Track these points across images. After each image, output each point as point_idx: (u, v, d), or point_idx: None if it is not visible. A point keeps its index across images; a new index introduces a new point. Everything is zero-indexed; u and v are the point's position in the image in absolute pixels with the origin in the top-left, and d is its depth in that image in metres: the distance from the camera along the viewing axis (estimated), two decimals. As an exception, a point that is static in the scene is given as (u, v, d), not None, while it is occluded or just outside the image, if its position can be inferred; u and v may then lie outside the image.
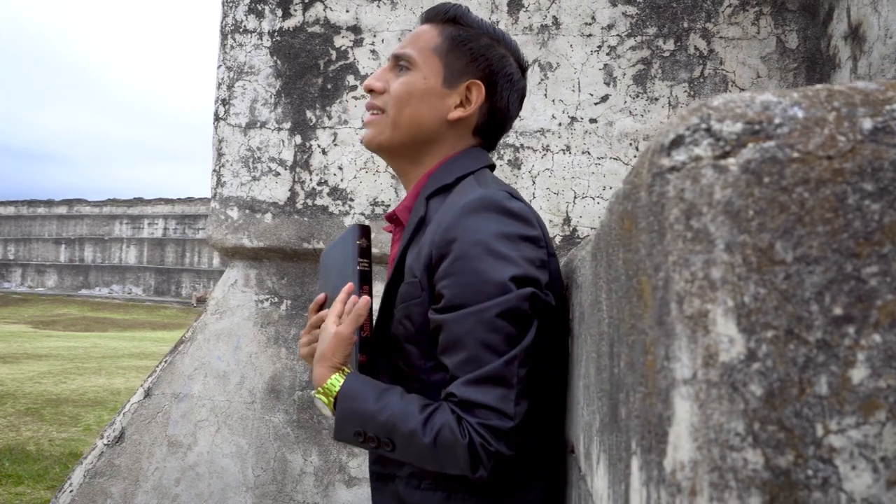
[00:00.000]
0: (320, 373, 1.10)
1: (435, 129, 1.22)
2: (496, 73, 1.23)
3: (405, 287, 1.12)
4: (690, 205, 0.43)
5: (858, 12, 1.93)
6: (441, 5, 1.25)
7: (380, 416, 1.04)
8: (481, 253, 1.03)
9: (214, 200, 2.30)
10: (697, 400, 0.41)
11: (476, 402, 0.99)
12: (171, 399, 2.29)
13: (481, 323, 1.01)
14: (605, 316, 0.79)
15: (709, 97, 1.83)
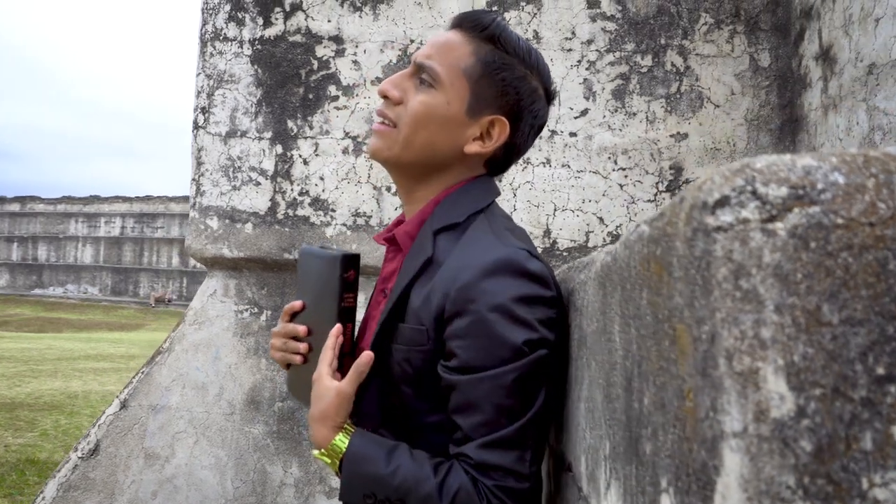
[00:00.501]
0: (323, 434, 1.07)
1: (448, 158, 1.17)
2: (523, 110, 1.16)
3: (409, 331, 1.10)
4: (739, 265, 0.46)
5: (830, 35, 1.99)
6: (481, 15, 1.13)
7: (392, 479, 1.02)
8: (499, 318, 1.02)
9: (194, 210, 2.28)
10: (748, 453, 0.44)
11: (493, 464, 1.00)
12: (148, 411, 2.26)
13: (498, 388, 1.01)
14: (617, 347, 0.81)
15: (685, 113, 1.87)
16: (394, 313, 1.11)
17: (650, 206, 2.23)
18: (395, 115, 1.14)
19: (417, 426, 1.11)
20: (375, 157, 1.19)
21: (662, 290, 0.59)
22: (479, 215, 1.16)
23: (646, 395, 0.66)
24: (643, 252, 0.66)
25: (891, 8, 1.70)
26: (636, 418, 0.70)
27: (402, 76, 1.15)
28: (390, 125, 1.15)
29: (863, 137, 1.82)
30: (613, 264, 0.83)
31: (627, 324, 0.74)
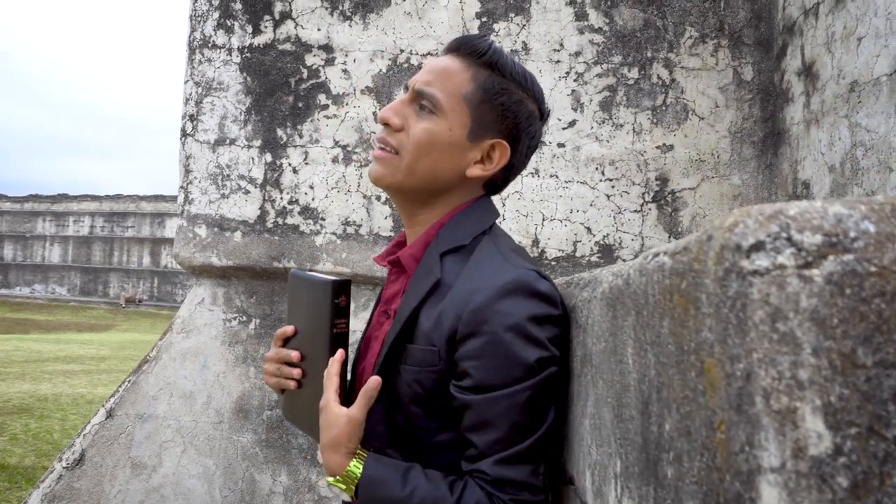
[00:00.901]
0: (336, 461, 1.08)
1: (450, 182, 1.19)
2: (521, 132, 1.19)
3: (420, 352, 1.11)
4: (777, 309, 0.48)
5: (812, 51, 2.05)
6: (478, 41, 1.16)
7: (410, 501, 1.04)
8: (514, 338, 1.05)
9: (182, 218, 2.27)
10: (786, 488, 0.46)
11: (509, 479, 1.03)
12: (135, 420, 2.25)
13: (513, 406, 1.04)
14: (630, 370, 0.83)
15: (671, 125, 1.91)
16: (402, 335, 1.13)
17: (637, 217, 2.27)
18: (398, 142, 1.15)
19: (426, 445, 1.13)
20: (378, 183, 1.19)
21: (688, 323, 0.61)
22: (484, 237, 1.19)
23: (667, 420, 0.68)
24: (664, 283, 0.69)
25: (873, 28, 1.76)
26: (655, 441, 0.72)
27: (402, 103, 1.16)
28: (392, 152, 1.15)
29: (845, 153, 1.88)
30: (626, 288, 0.85)
31: (644, 349, 0.77)
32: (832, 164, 1.93)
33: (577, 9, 2.33)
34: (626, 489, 0.84)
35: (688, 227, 2.28)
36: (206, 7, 2.32)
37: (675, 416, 0.65)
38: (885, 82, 1.71)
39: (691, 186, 2.29)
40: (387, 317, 1.26)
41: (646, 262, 0.77)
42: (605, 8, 2.33)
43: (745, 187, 2.30)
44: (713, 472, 0.55)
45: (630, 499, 0.82)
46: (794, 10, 2.15)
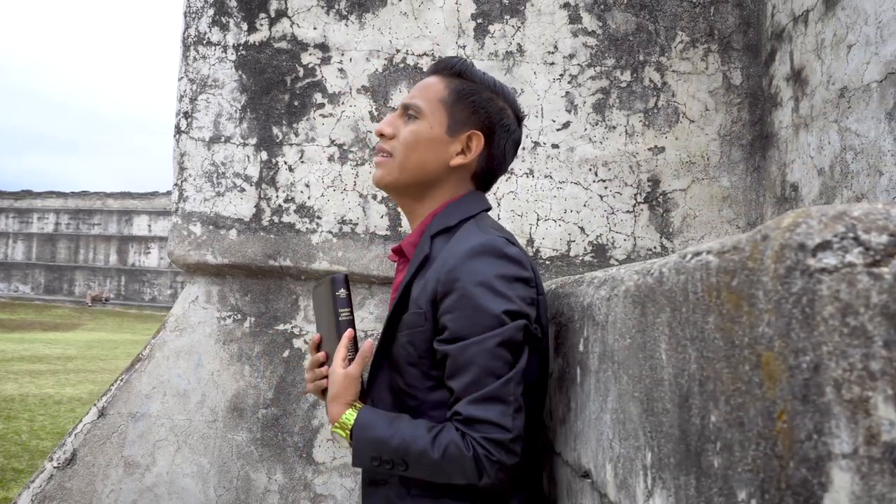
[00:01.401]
0: (336, 410, 1.25)
1: (438, 173, 1.36)
2: (495, 125, 1.37)
3: (410, 316, 1.27)
4: (846, 304, 0.51)
5: (801, 58, 2.10)
6: (449, 60, 1.39)
7: (392, 441, 1.18)
8: (482, 291, 1.19)
9: (176, 215, 2.25)
10: (859, 472, 0.49)
11: (478, 418, 1.15)
12: (128, 419, 2.23)
13: (483, 351, 1.17)
14: (664, 365, 0.86)
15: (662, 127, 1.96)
16: (398, 306, 1.29)
17: (629, 217, 2.31)
18: (391, 147, 1.36)
19: (422, 404, 1.26)
20: (379, 184, 1.40)
21: (741, 319, 0.64)
22: (470, 220, 1.35)
23: (712, 412, 0.71)
24: (709, 281, 0.72)
25: (863, 36, 1.81)
26: (697, 433, 0.75)
27: (394, 117, 1.39)
28: (387, 156, 1.36)
29: (834, 156, 1.93)
30: (659, 286, 0.88)
31: (682, 345, 0.80)
32: (821, 167, 1.99)
33: (570, 12, 2.37)
34: (659, 480, 0.87)
35: (678, 228, 2.32)
36: (200, 4, 2.31)
37: (724, 407, 0.68)
38: (875, 89, 1.77)
39: (682, 188, 2.34)
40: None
41: (684, 261, 0.80)
42: (599, 11, 2.37)
43: (734, 189, 2.35)
44: (772, 459, 0.58)
45: (664, 489, 0.85)
46: (783, 16, 2.20)
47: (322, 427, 2.24)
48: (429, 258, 1.30)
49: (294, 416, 2.25)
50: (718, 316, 0.69)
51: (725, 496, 0.67)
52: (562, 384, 1.43)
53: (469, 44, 2.34)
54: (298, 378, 2.26)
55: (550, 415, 1.54)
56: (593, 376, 1.20)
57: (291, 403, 2.25)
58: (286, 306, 2.28)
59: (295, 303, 2.28)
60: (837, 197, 1.92)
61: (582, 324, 1.29)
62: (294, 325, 2.27)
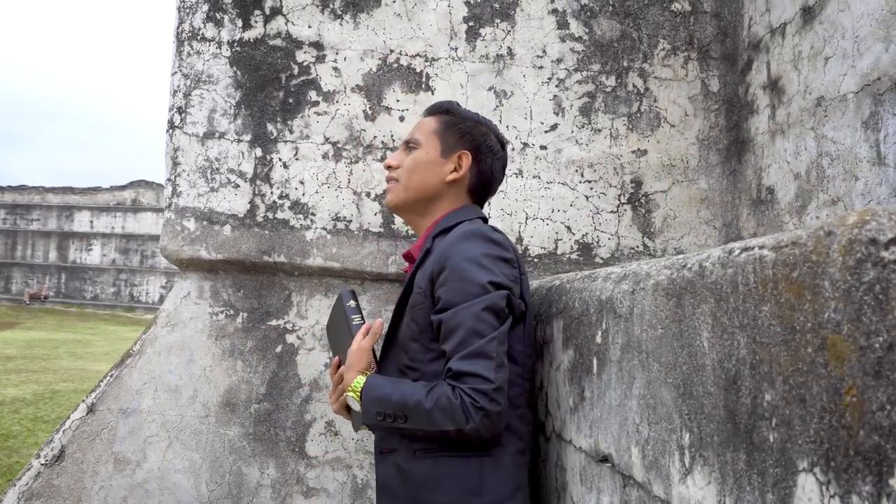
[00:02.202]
0: (349, 377, 1.46)
1: (437, 189, 1.60)
2: (480, 145, 1.62)
3: (414, 297, 1.47)
4: (921, 291, 0.59)
5: (778, 67, 2.22)
6: (439, 103, 1.69)
7: (394, 396, 1.37)
8: (469, 265, 1.39)
9: (170, 210, 2.25)
10: (933, 437, 0.56)
11: (466, 371, 1.32)
12: (118, 415, 2.22)
13: (470, 315, 1.35)
14: (706, 351, 0.93)
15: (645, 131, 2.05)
16: (405, 294, 1.51)
17: (613, 217, 2.40)
18: (397, 174, 1.63)
19: (421, 375, 1.44)
20: (390, 205, 1.66)
21: (803, 307, 0.71)
22: (464, 223, 1.54)
23: (766, 392, 0.78)
24: (764, 273, 0.79)
25: (840, 49, 1.93)
26: (747, 412, 0.82)
27: (399, 152, 1.65)
28: (395, 182, 1.63)
29: (811, 161, 2.05)
30: (699, 279, 0.95)
31: (729, 332, 0.87)
32: (797, 171, 2.11)
33: (559, 17, 2.44)
34: (700, 458, 0.94)
35: (659, 228, 2.42)
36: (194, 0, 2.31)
37: (782, 387, 0.75)
38: (851, 99, 1.89)
39: (663, 189, 2.44)
40: None
41: (731, 256, 0.87)
42: (585, 18, 2.46)
43: (711, 191, 2.47)
44: (839, 430, 0.66)
45: (706, 466, 0.92)
46: (761, 28, 2.32)
47: (315, 421, 2.27)
48: (430, 252, 1.51)
49: (287, 411, 2.27)
50: (775, 305, 0.77)
51: (783, 466, 0.75)
52: (573, 375, 1.50)
53: (461, 46, 2.39)
54: (291, 373, 2.28)
55: (558, 404, 1.61)
56: (615, 366, 1.27)
57: (284, 398, 2.27)
58: (279, 302, 2.30)
59: (288, 298, 2.30)
60: (813, 200, 2.04)
61: (600, 316, 1.36)
62: (287, 321, 2.29)
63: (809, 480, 0.70)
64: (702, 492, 0.93)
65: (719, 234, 2.46)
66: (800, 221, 2.10)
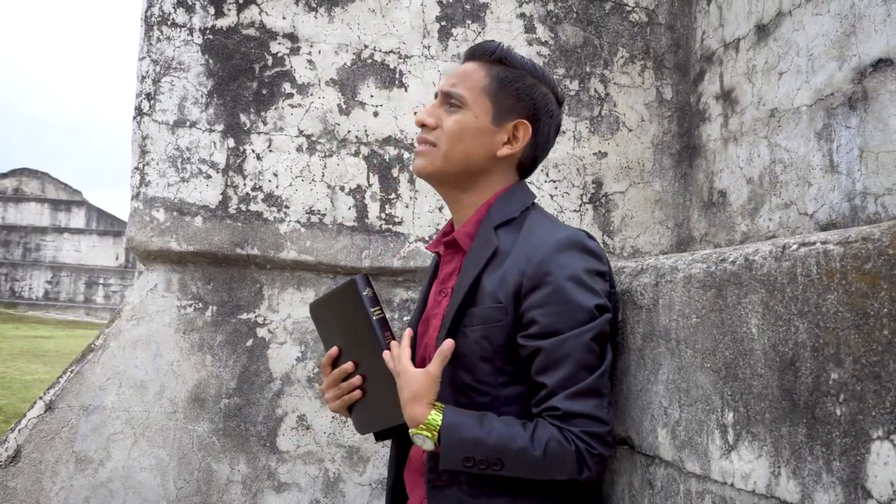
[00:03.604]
0: (419, 411, 1.20)
1: (484, 164, 1.37)
2: (539, 111, 1.38)
3: (486, 311, 1.26)
4: None
5: (732, 79, 2.39)
6: (487, 45, 1.39)
7: (488, 440, 1.16)
8: (573, 286, 1.22)
9: (137, 200, 2.17)
10: None
11: (577, 412, 1.17)
12: (80, 412, 2.13)
13: (578, 346, 1.19)
14: (755, 337, 1.02)
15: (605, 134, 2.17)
16: (466, 300, 1.29)
17: (576, 216, 2.51)
18: (434, 137, 1.36)
19: (493, 400, 1.26)
20: (422, 173, 1.39)
21: (878, 294, 0.81)
22: (531, 211, 1.38)
23: (833, 371, 0.88)
24: (830, 265, 0.88)
25: (795, 65, 2.11)
26: (807, 390, 0.92)
27: (434, 106, 1.38)
28: (430, 145, 1.36)
29: (764, 168, 2.22)
30: (746, 272, 1.05)
31: (785, 319, 0.96)
32: (750, 176, 2.28)
33: (526, 22, 2.53)
34: (748, 434, 1.03)
35: (618, 227, 2.55)
36: (163, -17, 2.24)
37: (852, 366, 0.85)
38: (805, 111, 2.07)
39: (621, 190, 2.57)
40: (444, 295, 1.41)
41: (787, 250, 0.97)
42: (551, 24, 2.55)
43: (665, 193, 2.62)
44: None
45: (755, 441, 1.01)
46: (714, 42, 2.49)
47: (286, 416, 2.26)
48: (497, 251, 1.30)
49: (257, 406, 2.24)
50: (844, 293, 0.86)
51: (853, 436, 0.84)
52: (580, 364, 1.58)
53: (433, 45, 2.43)
54: (262, 367, 2.26)
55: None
56: (634, 354, 1.36)
57: (255, 393, 2.24)
58: (250, 295, 2.27)
59: (259, 291, 2.27)
60: (766, 203, 2.21)
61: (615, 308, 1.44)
62: (258, 314, 2.27)
63: (885, 447, 0.80)
64: (750, 465, 1.02)
65: (672, 234, 2.62)
66: (753, 223, 2.27)
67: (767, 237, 2.18)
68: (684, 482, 1.17)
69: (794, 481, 0.93)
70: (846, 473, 0.84)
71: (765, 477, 0.99)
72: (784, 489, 0.95)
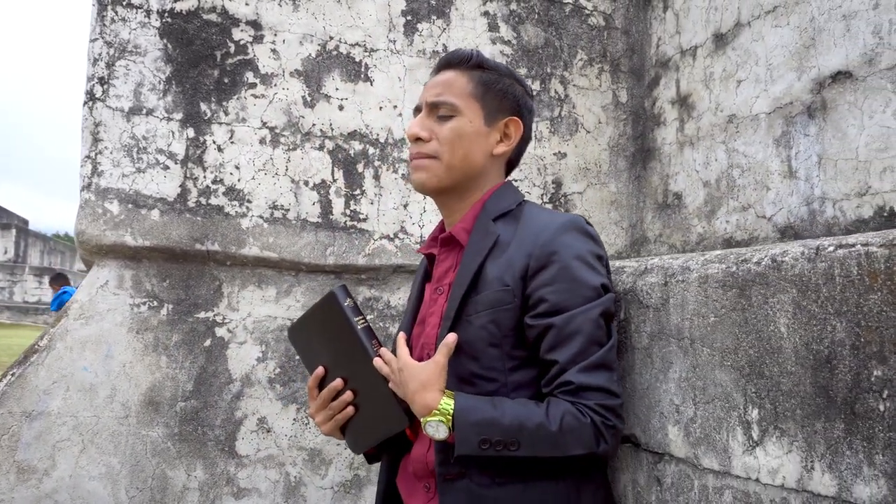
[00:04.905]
0: (431, 397, 1.20)
1: (483, 165, 1.41)
2: (522, 108, 1.45)
3: (492, 295, 1.27)
4: None
5: (689, 85, 2.47)
6: (461, 52, 1.43)
7: (504, 419, 1.16)
8: (579, 265, 1.26)
9: (88, 191, 2.04)
10: None
11: (590, 385, 1.19)
12: (21, 418, 1.97)
13: (588, 321, 1.22)
14: (783, 335, 1.05)
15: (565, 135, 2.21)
16: (470, 288, 1.29)
17: (537, 215, 2.53)
18: (432, 149, 1.37)
19: (501, 386, 1.26)
20: (424, 187, 1.41)
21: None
22: (525, 203, 1.44)
23: (875, 368, 0.91)
24: (871, 266, 0.92)
25: (753, 74, 2.20)
26: (846, 387, 0.95)
27: (422, 119, 1.39)
28: (430, 158, 1.37)
29: (721, 172, 2.31)
30: (774, 273, 1.07)
31: (819, 318, 0.99)
32: (707, 179, 2.36)
33: (490, 20, 2.53)
34: (775, 430, 1.06)
35: (576, 227, 2.58)
36: (116, -40, 2.11)
37: (897, 362, 0.88)
38: (763, 119, 2.15)
39: (579, 191, 2.61)
40: (440, 293, 1.41)
41: (822, 252, 1.00)
42: (514, 23, 2.56)
43: (620, 194, 2.68)
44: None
45: (784, 437, 1.04)
46: (670, 48, 2.56)
47: (245, 418, 2.17)
48: (499, 240, 1.32)
49: (216, 409, 2.14)
50: (889, 293, 0.90)
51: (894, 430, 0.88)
52: (574, 362, 1.58)
53: (399, 39, 2.40)
54: (220, 368, 2.16)
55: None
56: (640, 353, 1.38)
57: (213, 395, 2.15)
58: (208, 293, 2.17)
59: (218, 289, 2.18)
60: (723, 206, 2.29)
61: (616, 307, 1.46)
62: (217, 313, 2.17)
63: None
64: (778, 460, 1.05)
65: (626, 234, 2.68)
66: (709, 225, 2.35)
67: (725, 239, 2.26)
68: (699, 478, 1.20)
69: (829, 475, 0.96)
70: (891, 466, 0.88)
71: (796, 471, 1.02)
72: (818, 483, 0.98)
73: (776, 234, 2.06)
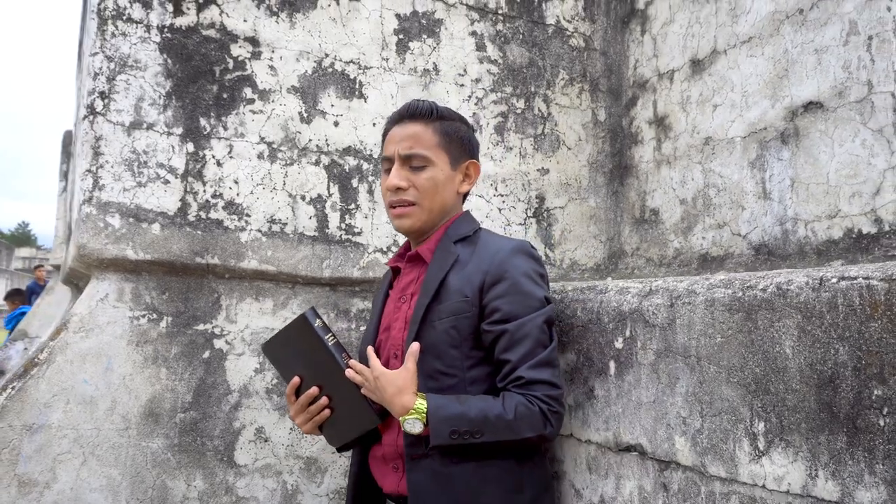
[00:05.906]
0: (407, 399, 1.44)
1: (452, 203, 1.68)
2: (474, 148, 1.72)
3: (454, 304, 1.51)
4: None
5: (666, 107, 2.60)
6: (422, 105, 1.63)
7: (470, 413, 1.41)
8: (527, 280, 1.53)
9: (90, 205, 2.05)
10: None
11: (537, 379, 1.45)
12: (22, 432, 1.98)
13: (535, 327, 1.48)
14: (789, 356, 1.17)
15: (548, 151, 2.33)
16: (434, 297, 1.53)
17: (521, 229, 2.63)
18: (413, 197, 1.60)
19: (459, 381, 1.50)
20: (409, 230, 1.64)
21: (926, 325, 0.97)
22: (480, 230, 1.69)
23: (876, 388, 1.03)
24: (875, 298, 1.04)
25: (729, 100, 2.34)
26: (848, 404, 1.07)
27: (399, 170, 1.60)
28: (411, 205, 1.60)
29: (697, 191, 2.45)
30: (779, 299, 1.19)
31: (823, 342, 1.11)
32: (684, 197, 2.50)
33: (477, 40, 2.62)
34: (781, 441, 1.18)
35: (558, 240, 2.70)
36: (116, -25, 2.13)
37: (898, 384, 1.00)
38: (739, 142, 2.30)
39: (561, 206, 2.72)
40: (403, 301, 1.67)
41: (826, 283, 1.12)
42: (500, 43, 2.66)
43: (598, 209, 2.80)
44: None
45: (789, 448, 1.16)
46: (647, 71, 2.69)
47: (244, 428, 2.21)
48: (459, 259, 1.57)
49: (214, 419, 2.18)
50: (889, 322, 1.02)
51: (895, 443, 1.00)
52: (578, 375, 1.68)
53: (391, 57, 2.47)
54: (219, 380, 2.20)
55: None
56: (646, 368, 1.48)
57: (212, 406, 2.18)
58: (207, 305, 2.20)
59: (217, 301, 2.21)
60: (699, 223, 2.43)
61: (621, 325, 1.56)
62: (215, 325, 2.20)
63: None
64: (783, 469, 1.17)
65: (604, 248, 2.80)
66: (686, 240, 2.49)
67: (701, 254, 2.40)
68: (706, 484, 1.31)
69: (833, 482, 1.08)
70: (890, 475, 1.00)
71: (801, 478, 1.13)
72: (822, 489, 1.10)
73: (751, 252, 2.20)
